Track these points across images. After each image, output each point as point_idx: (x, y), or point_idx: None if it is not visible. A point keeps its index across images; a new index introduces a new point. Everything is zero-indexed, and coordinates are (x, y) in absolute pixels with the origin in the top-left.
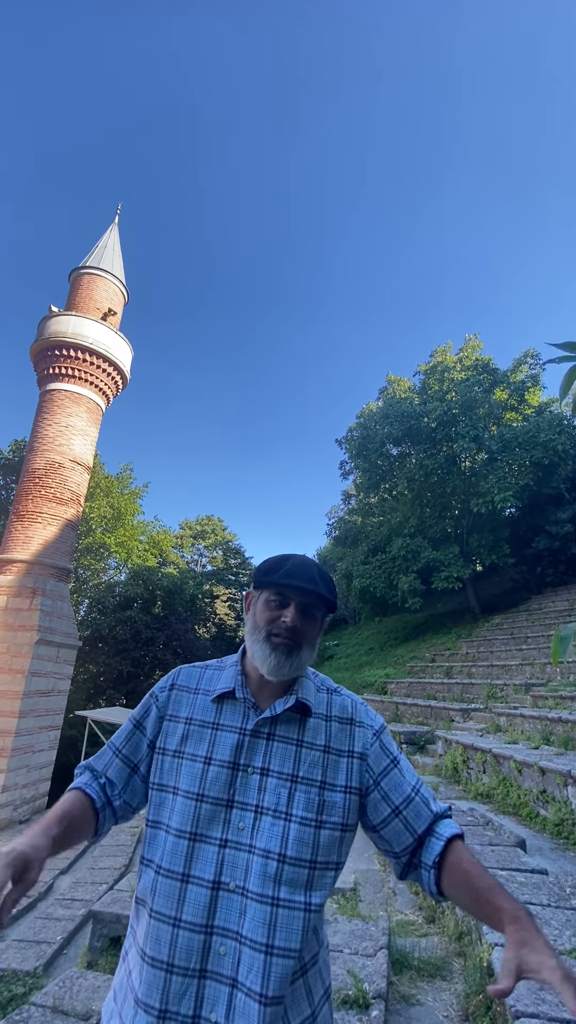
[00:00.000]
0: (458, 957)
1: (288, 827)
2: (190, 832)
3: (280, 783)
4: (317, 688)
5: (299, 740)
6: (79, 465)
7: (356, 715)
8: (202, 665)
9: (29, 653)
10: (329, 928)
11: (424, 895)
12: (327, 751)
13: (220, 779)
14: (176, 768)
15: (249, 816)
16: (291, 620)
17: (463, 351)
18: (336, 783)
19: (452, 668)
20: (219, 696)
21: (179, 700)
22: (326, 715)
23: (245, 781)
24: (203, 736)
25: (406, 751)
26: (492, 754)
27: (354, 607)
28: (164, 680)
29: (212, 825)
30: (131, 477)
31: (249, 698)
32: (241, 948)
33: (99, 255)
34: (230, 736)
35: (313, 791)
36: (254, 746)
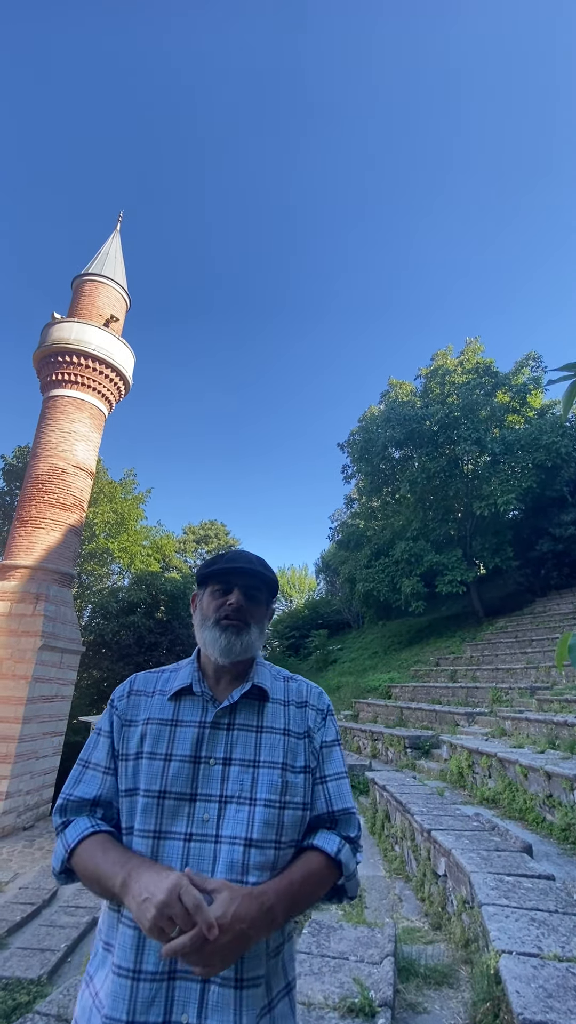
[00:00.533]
0: (465, 964)
1: (253, 811)
2: (153, 831)
3: (243, 770)
4: (274, 676)
5: (259, 726)
6: (82, 470)
7: (310, 698)
8: (159, 670)
9: (33, 659)
10: (334, 935)
11: (430, 901)
12: (287, 734)
13: (182, 774)
14: (137, 770)
15: (213, 807)
16: (236, 601)
17: (464, 354)
18: (296, 764)
19: (456, 672)
20: (176, 693)
21: (137, 704)
22: (284, 700)
23: (208, 773)
24: (162, 734)
25: (411, 755)
26: (497, 758)
27: (357, 611)
28: (121, 687)
29: (175, 821)
30: (134, 482)
31: (207, 691)
32: None
33: (101, 262)
34: (190, 731)
35: (275, 773)
36: (215, 737)
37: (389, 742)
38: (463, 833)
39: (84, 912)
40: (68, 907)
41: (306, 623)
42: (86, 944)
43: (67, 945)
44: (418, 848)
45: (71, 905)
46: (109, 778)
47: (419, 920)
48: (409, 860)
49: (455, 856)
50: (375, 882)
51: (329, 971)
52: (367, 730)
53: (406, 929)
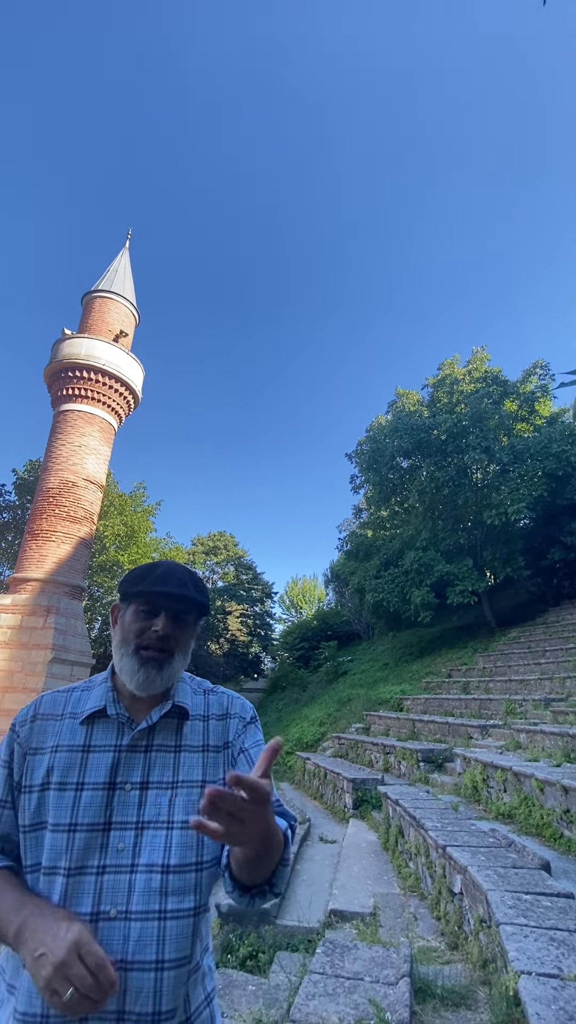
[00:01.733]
0: (483, 985)
1: (171, 836)
2: (63, 867)
3: (160, 792)
4: (194, 691)
5: (177, 745)
6: (92, 484)
7: (231, 708)
8: (67, 688)
9: (43, 672)
10: (348, 955)
11: (446, 920)
12: (206, 750)
13: (94, 803)
14: (45, 803)
15: (129, 835)
16: (162, 628)
17: (471, 363)
18: (216, 779)
19: (469, 683)
20: (89, 717)
21: (43, 730)
22: (204, 715)
23: (124, 799)
24: (72, 762)
25: (424, 769)
26: (512, 772)
27: (367, 622)
28: (24, 710)
29: (88, 854)
30: (144, 495)
31: (122, 713)
32: (128, 975)
33: (110, 279)
34: (104, 756)
35: (195, 792)
36: (131, 761)
37: (401, 756)
38: (479, 849)
39: None
40: None
41: (316, 634)
42: None
43: None
44: (433, 865)
45: None
46: (7, 812)
47: (435, 939)
48: (424, 877)
49: (471, 873)
50: (389, 899)
51: (344, 992)
52: (379, 743)
53: (422, 949)
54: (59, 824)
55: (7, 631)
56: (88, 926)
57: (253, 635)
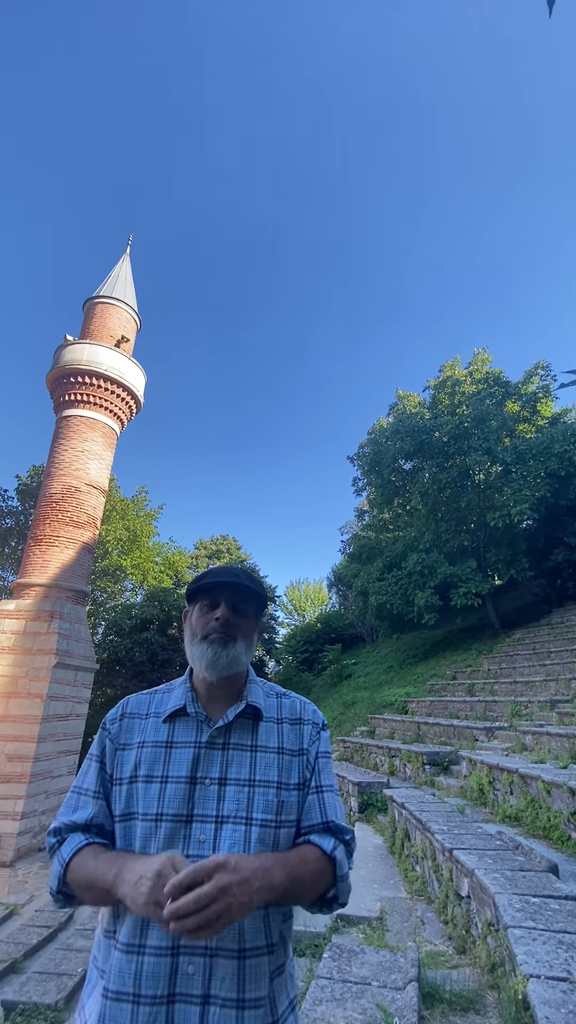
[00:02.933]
0: (491, 990)
1: (250, 831)
2: (151, 855)
3: (238, 789)
4: (266, 693)
5: (253, 745)
6: (95, 489)
7: (304, 714)
8: (151, 691)
9: (47, 677)
10: (356, 960)
11: (454, 924)
12: (281, 752)
13: (177, 796)
14: (134, 794)
15: (210, 828)
16: (222, 615)
17: (472, 365)
18: (291, 782)
19: (474, 685)
20: (170, 715)
21: (131, 728)
22: (277, 718)
23: (204, 793)
24: (157, 757)
25: (429, 772)
26: (519, 774)
27: (371, 625)
28: (114, 710)
29: (172, 843)
30: (146, 499)
31: (200, 711)
32: (212, 961)
33: (112, 284)
34: (185, 752)
35: (271, 792)
36: (210, 757)
37: (407, 759)
38: (486, 852)
39: None
40: (85, 930)
41: (320, 637)
42: None
43: (83, 969)
44: (439, 868)
45: (88, 928)
46: (100, 802)
47: (443, 944)
48: (431, 880)
49: (478, 877)
50: (396, 904)
51: (351, 997)
52: (384, 746)
53: (429, 953)
54: (147, 814)
55: (11, 636)
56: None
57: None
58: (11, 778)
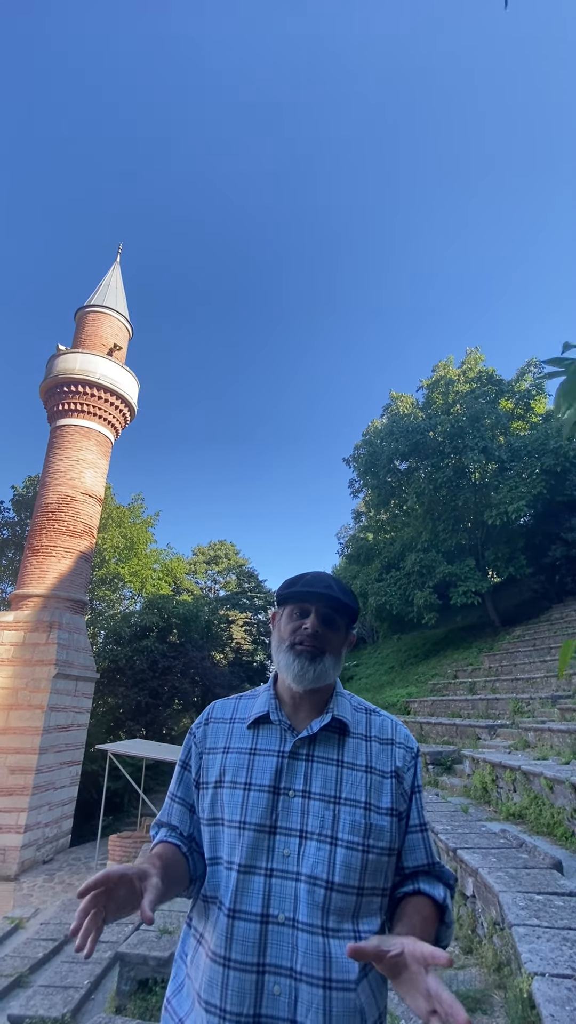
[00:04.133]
0: (498, 989)
1: (335, 851)
2: (239, 864)
3: (324, 805)
4: (355, 708)
5: (339, 760)
6: (91, 497)
7: (396, 736)
8: (236, 696)
9: (47, 687)
10: None
11: (460, 924)
12: (370, 771)
13: (261, 804)
14: (218, 799)
15: (294, 842)
16: (312, 627)
17: (465, 364)
18: (381, 805)
19: (475, 684)
20: (255, 721)
21: (216, 732)
22: (366, 735)
23: (287, 805)
24: (241, 763)
25: (433, 772)
26: (521, 772)
27: (371, 626)
28: (201, 716)
29: (256, 853)
30: (142, 507)
31: (284, 720)
32: (297, 986)
33: (103, 293)
34: (269, 760)
35: (359, 813)
36: (294, 768)
37: None
38: (490, 851)
39: (106, 947)
40: None
41: None
42: (109, 980)
43: (90, 982)
44: None
45: None
46: (178, 806)
47: (450, 944)
48: None
49: (483, 876)
50: None
51: None
52: None
53: None
54: (232, 820)
55: (10, 648)
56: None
57: (258, 643)
58: (13, 791)
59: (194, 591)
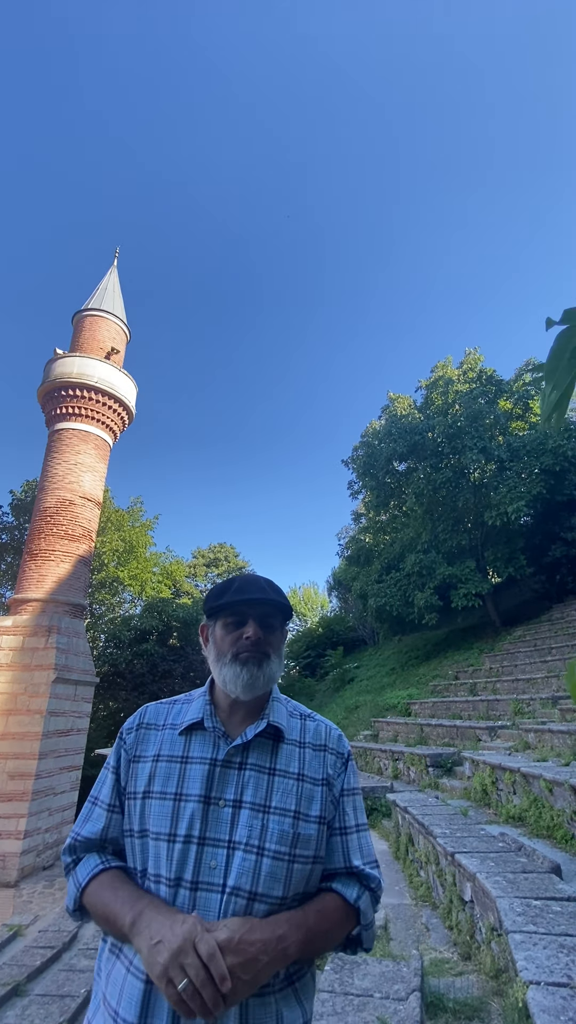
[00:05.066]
0: (496, 996)
1: (260, 862)
2: (166, 877)
3: (253, 815)
4: (290, 713)
5: (272, 768)
6: (89, 501)
7: (329, 742)
8: (170, 700)
9: (47, 692)
10: (358, 971)
11: (458, 929)
12: (301, 779)
13: (191, 816)
14: (147, 810)
15: (221, 853)
16: (253, 633)
17: (464, 364)
18: (311, 814)
19: (476, 685)
20: (187, 728)
21: (146, 738)
22: (300, 741)
23: (217, 815)
24: (172, 772)
25: (433, 775)
26: (521, 773)
27: (372, 627)
28: (131, 720)
29: (184, 867)
30: (141, 510)
31: (219, 727)
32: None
33: (100, 297)
34: (200, 768)
35: (287, 822)
36: (225, 777)
37: (410, 761)
38: (488, 855)
39: None
40: (88, 950)
41: (321, 642)
42: None
43: (87, 990)
44: (443, 873)
45: (91, 947)
46: (115, 816)
47: (447, 950)
48: (435, 886)
49: (480, 881)
50: (400, 911)
51: (353, 1010)
52: (387, 750)
53: (434, 960)
54: (160, 833)
55: (9, 653)
56: (201, 920)
57: None
58: (13, 796)
59: (194, 594)
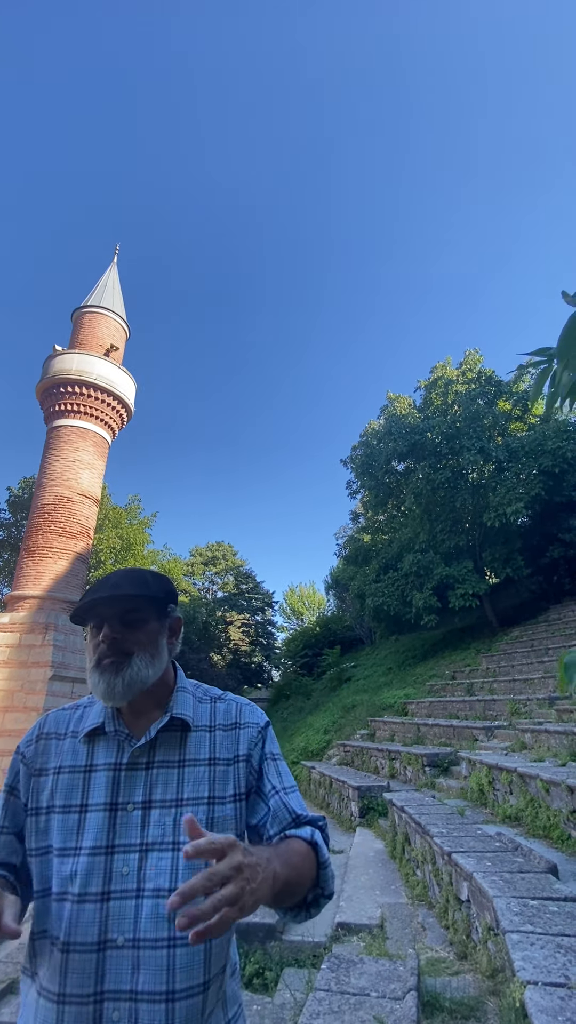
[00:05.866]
0: (492, 996)
1: (177, 858)
2: (73, 894)
3: (164, 812)
4: (199, 699)
5: (181, 760)
6: (87, 498)
7: (241, 717)
8: (72, 705)
9: (43, 690)
10: (355, 970)
11: (455, 929)
12: (213, 763)
13: (97, 826)
14: (50, 826)
15: (133, 858)
16: (104, 635)
17: (464, 365)
18: (225, 795)
19: (473, 685)
20: (89, 734)
21: (47, 750)
22: (210, 725)
23: (126, 820)
24: (75, 783)
25: (430, 774)
26: (518, 774)
27: (369, 627)
28: (31, 731)
29: (91, 879)
30: (139, 507)
31: (121, 729)
32: (137, 1007)
33: (100, 294)
34: (104, 775)
35: (200, 810)
36: (132, 780)
37: (407, 761)
38: (485, 855)
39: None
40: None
41: (318, 641)
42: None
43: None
44: (439, 872)
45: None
46: (7, 837)
47: (444, 950)
48: (432, 885)
49: (477, 880)
50: (397, 909)
51: (349, 1009)
52: (384, 749)
53: (430, 960)
54: (65, 848)
55: (5, 650)
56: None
57: (255, 644)
58: None
59: (191, 592)
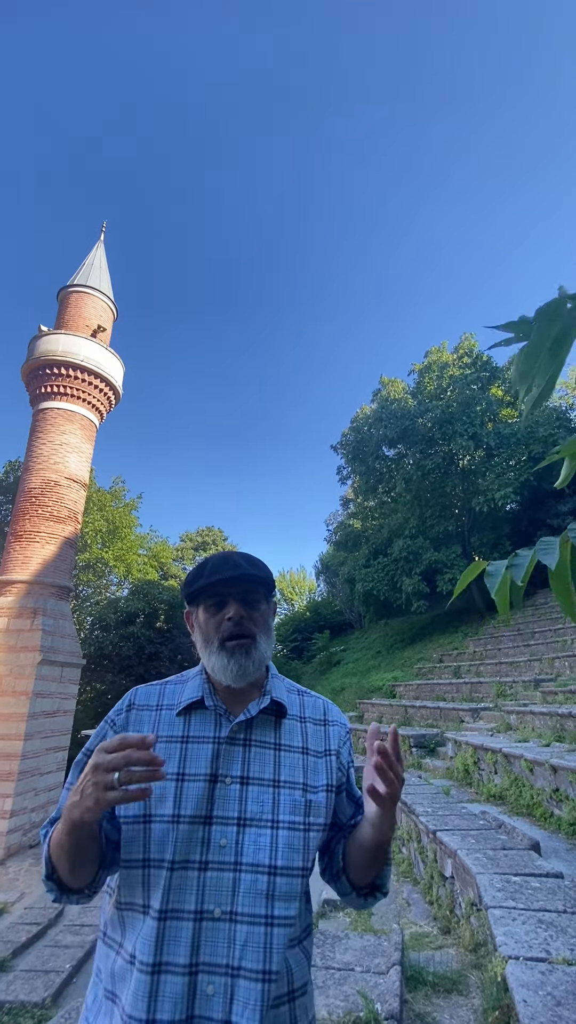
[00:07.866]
0: (475, 969)
1: (277, 835)
2: (169, 861)
3: (262, 790)
4: (288, 689)
5: (277, 744)
6: (75, 482)
7: (329, 715)
8: (160, 682)
9: (32, 674)
10: (340, 945)
11: (438, 904)
12: (305, 753)
13: (196, 795)
14: None
15: (232, 831)
16: (235, 613)
17: (459, 349)
18: (318, 784)
19: (460, 668)
20: (186, 708)
21: (139, 720)
22: (300, 716)
23: (224, 793)
24: (172, 752)
25: (416, 755)
26: (502, 754)
27: (358, 611)
28: (120, 702)
29: (190, 847)
30: (124, 489)
31: (220, 705)
32: (234, 982)
33: (86, 273)
34: (203, 747)
35: (297, 794)
36: (231, 754)
37: None
38: (469, 832)
39: (89, 931)
40: (73, 926)
41: (308, 625)
42: (92, 964)
43: (71, 966)
44: (424, 850)
45: (76, 923)
46: None
47: (428, 924)
48: (416, 862)
49: (461, 857)
50: None
51: (334, 984)
52: None
53: (414, 935)
54: (162, 815)
55: None
56: None
57: None
58: None
59: (181, 576)
